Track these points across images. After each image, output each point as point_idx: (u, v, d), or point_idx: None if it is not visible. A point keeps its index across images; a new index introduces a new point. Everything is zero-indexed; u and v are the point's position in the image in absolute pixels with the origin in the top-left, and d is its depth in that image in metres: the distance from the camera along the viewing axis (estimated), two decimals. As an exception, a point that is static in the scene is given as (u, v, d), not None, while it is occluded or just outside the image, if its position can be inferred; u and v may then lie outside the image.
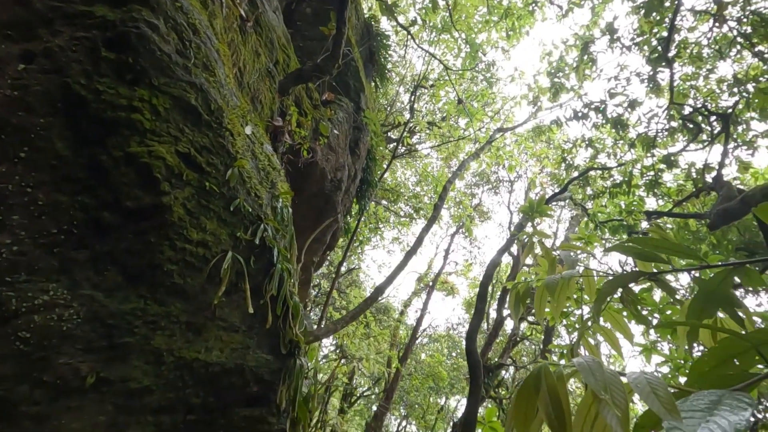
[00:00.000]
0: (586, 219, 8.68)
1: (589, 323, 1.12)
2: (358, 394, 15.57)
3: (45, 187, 1.60)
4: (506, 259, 14.43)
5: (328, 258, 11.20)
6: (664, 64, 6.22)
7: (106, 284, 1.76)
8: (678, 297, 1.08)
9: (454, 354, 16.92)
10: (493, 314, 13.32)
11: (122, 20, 1.62)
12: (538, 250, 1.34)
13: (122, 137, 1.63)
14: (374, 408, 14.49)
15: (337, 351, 13.78)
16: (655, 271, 0.92)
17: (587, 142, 8.28)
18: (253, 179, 2.11)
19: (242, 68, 3.12)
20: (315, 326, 7.30)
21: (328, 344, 14.45)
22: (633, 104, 7.07)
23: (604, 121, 7.37)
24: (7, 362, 1.64)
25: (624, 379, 0.56)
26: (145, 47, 1.64)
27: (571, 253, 1.16)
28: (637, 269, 0.98)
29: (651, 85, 6.94)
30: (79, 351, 1.72)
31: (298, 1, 7.11)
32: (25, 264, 1.63)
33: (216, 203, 1.89)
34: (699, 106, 6.48)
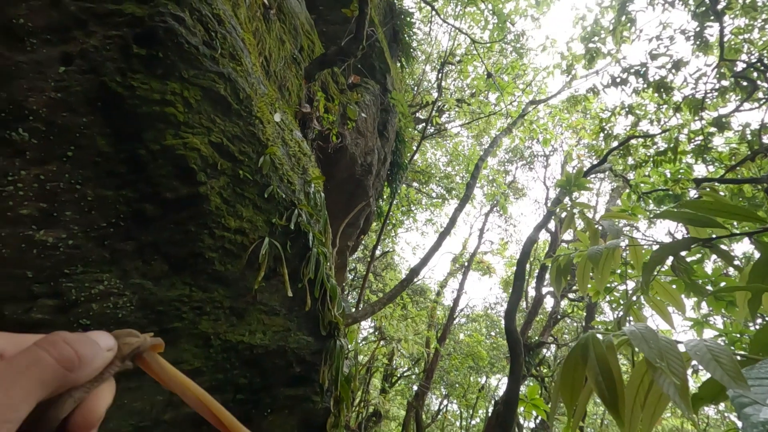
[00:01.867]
0: (627, 191, 8.26)
1: (636, 296, 1.06)
2: (398, 375, 15.86)
3: (91, 183, 1.69)
4: (544, 236, 14.07)
5: (363, 242, 11.32)
6: (712, 18, 5.73)
7: (153, 273, 1.85)
8: (736, 264, 1.00)
9: (493, 333, 16.84)
10: (531, 292, 13.09)
11: (150, 15, 1.65)
12: (579, 223, 1.27)
13: (158, 131, 1.68)
14: (415, 387, 14.73)
15: (376, 333, 14.03)
16: (711, 236, 0.85)
17: (627, 109, 7.81)
18: (284, 166, 2.13)
19: (268, 57, 3.13)
20: (353, 309, 7.44)
21: (366, 326, 14.73)
22: (678, 65, 6.58)
23: (645, 86, 6.92)
24: (72, 348, 1.77)
25: (681, 348, 0.52)
26: (173, 41, 1.67)
27: (615, 223, 1.09)
28: (689, 236, 0.91)
29: (698, 43, 6.42)
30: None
31: (318, -15, 7.04)
32: (80, 257, 1.74)
33: (250, 191, 1.93)
34: (754, 61, 5.94)
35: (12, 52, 1.63)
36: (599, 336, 0.58)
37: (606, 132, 8.24)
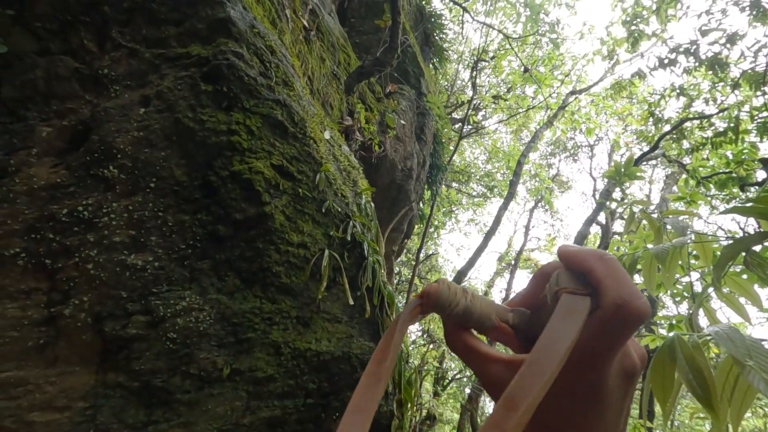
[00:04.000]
0: (684, 176, 7.80)
1: (708, 290, 1.06)
2: (449, 378, 15.73)
3: (171, 210, 1.87)
4: (594, 229, 13.50)
5: (406, 246, 11.39)
6: (769, -15, 5.33)
7: (228, 288, 2.01)
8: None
9: (545, 332, 16.28)
10: (584, 289, 12.57)
11: (213, 54, 1.82)
12: (639, 220, 1.27)
13: (226, 158, 1.84)
14: (467, 390, 14.56)
15: (425, 336, 14.02)
16: (785, 230, 0.84)
17: (678, 91, 7.40)
18: (338, 180, 2.25)
19: (311, 76, 3.29)
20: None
21: (415, 330, 14.75)
22: (733, 38, 6.17)
23: (697, 64, 6.53)
24: (161, 358, 1.97)
25: (766, 345, 0.54)
26: (234, 75, 1.83)
27: (679, 219, 1.09)
28: (761, 230, 0.90)
29: (755, 12, 5.99)
30: (214, 347, 2.01)
31: (349, -1, 7.23)
32: (164, 277, 1.93)
33: (309, 207, 2.06)
34: (822, 26, 5.45)
35: (100, 99, 1.85)
36: (684, 337, 0.61)
37: (656, 116, 7.84)
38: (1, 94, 1.81)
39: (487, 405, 17.67)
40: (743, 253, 0.83)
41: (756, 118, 6.46)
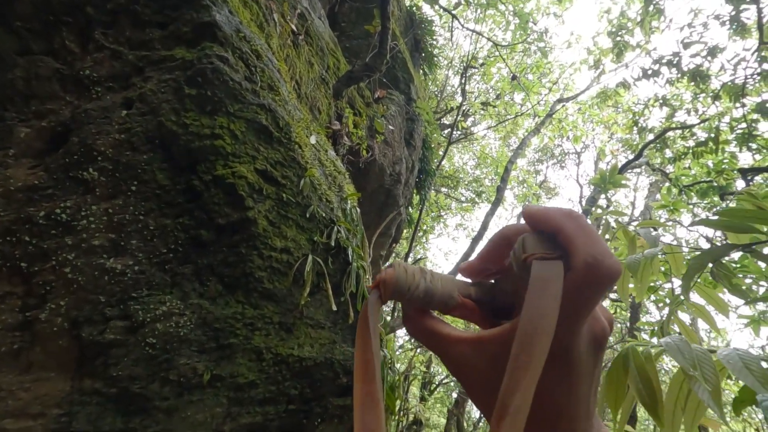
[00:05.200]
0: (667, 184, 7.96)
1: (680, 299, 1.08)
2: (436, 382, 15.73)
3: (153, 214, 1.85)
4: (580, 236, 13.64)
5: (395, 251, 11.40)
6: (748, 0, 5.50)
7: (210, 293, 1.99)
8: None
9: (531, 337, 16.39)
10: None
11: (198, 58, 1.81)
12: (614, 227, 1.30)
13: (209, 162, 1.83)
14: (454, 395, 14.57)
15: (412, 341, 14.00)
16: (748, 243, 0.87)
17: (661, 101, 7.57)
18: (322, 185, 2.25)
19: (299, 80, 3.29)
20: (388, 318, 7.51)
21: (402, 335, 14.73)
22: (713, 51, 6.34)
23: (679, 76, 6.70)
24: (140, 364, 1.93)
25: (714, 357, 0.56)
26: (219, 79, 1.83)
27: (651, 230, 1.12)
28: (727, 242, 0.93)
29: (734, 27, 6.17)
30: (195, 352, 1.98)
31: (340, 3, 7.25)
32: (144, 281, 1.90)
33: (293, 212, 2.05)
34: (797, 42, 5.64)
35: (81, 101, 1.82)
36: (639, 348, 0.63)
37: (640, 125, 8.00)
38: (-22, 94, 1.77)
39: (474, 410, 17.70)
40: (710, 264, 0.85)
41: (735, 128, 6.64)
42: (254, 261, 1.98)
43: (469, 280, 0.40)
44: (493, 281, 0.41)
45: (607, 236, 1.29)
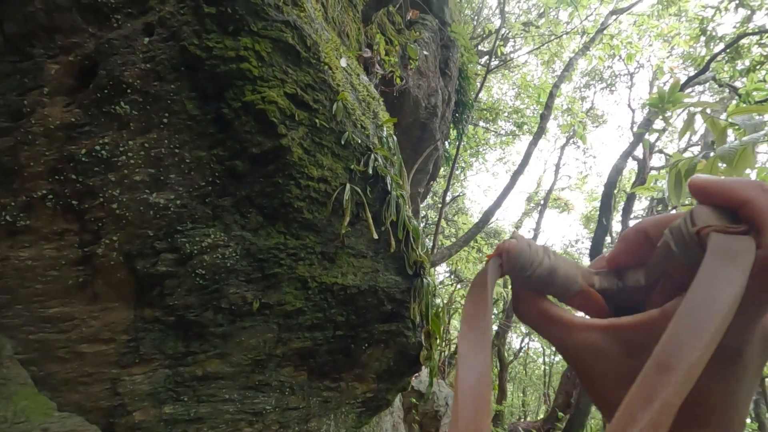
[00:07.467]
0: (734, 102, 7.12)
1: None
2: (477, 316, 16.10)
3: (187, 146, 1.83)
4: (630, 165, 12.84)
5: (432, 188, 11.25)
6: None
7: (251, 225, 2.00)
8: None
9: (574, 271, 16.20)
10: (617, 227, 12.26)
11: (214, -29, 1.66)
12: (698, 125, 1.11)
13: (237, 88, 1.75)
14: (495, 327, 14.96)
15: (452, 276, 14.24)
16: None
17: (737, 2, 6.54)
18: (356, 111, 2.13)
19: (325, 3, 3.05)
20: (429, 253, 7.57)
21: (441, 271, 14.99)
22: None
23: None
24: (193, 294, 2.02)
25: None
26: (238, -6, 1.68)
27: (751, 116, 0.93)
28: None
29: None
30: (243, 282, 2.04)
31: None
32: (187, 215, 1.93)
33: (328, 139, 1.96)
34: None
35: (103, 31, 1.75)
36: None
37: (708, 34, 7.02)
38: (4, 31, 1.74)
39: (514, 340, 18.19)
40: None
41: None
42: (292, 191, 1.94)
43: (591, 269, 0.36)
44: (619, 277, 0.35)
45: (688, 133, 1.11)
